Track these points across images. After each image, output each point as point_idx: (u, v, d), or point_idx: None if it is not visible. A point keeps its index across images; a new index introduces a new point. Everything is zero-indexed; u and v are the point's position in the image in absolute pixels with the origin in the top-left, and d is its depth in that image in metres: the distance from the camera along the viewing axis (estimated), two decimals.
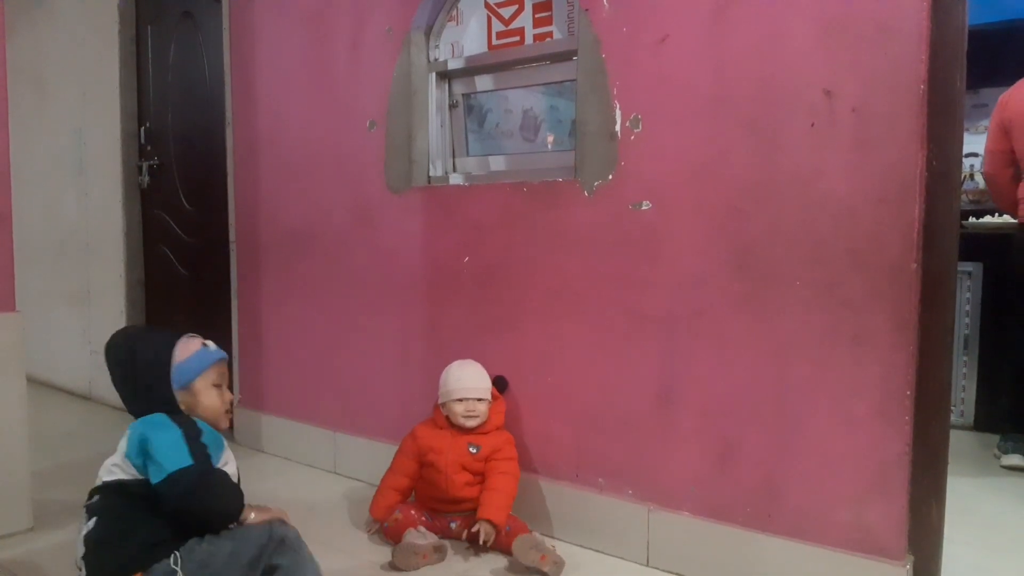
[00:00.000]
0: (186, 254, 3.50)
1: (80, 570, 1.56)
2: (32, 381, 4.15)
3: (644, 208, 1.99)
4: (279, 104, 2.90)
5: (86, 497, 1.61)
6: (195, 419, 1.65)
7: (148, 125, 3.61)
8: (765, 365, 1.84)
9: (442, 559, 2.02)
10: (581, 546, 2.14)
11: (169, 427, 1.58)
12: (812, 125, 1.74)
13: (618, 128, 2.02)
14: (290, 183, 2.87)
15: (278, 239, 2.94)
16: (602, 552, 2.10)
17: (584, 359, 2.14)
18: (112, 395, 1.74)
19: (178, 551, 1.51)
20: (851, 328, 1.71)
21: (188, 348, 1.69)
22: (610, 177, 2.04)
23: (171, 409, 1.65)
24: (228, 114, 3.09)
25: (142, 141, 3.63)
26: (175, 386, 1.66)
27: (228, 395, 1.74)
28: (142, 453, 1.55)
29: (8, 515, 2.21)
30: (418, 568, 1.98)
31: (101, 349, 3.59)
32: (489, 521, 2.00)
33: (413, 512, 2.13)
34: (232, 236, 3.11)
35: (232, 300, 3.13)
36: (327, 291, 2.78)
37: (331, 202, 2.74)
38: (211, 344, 1.74)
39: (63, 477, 1.48)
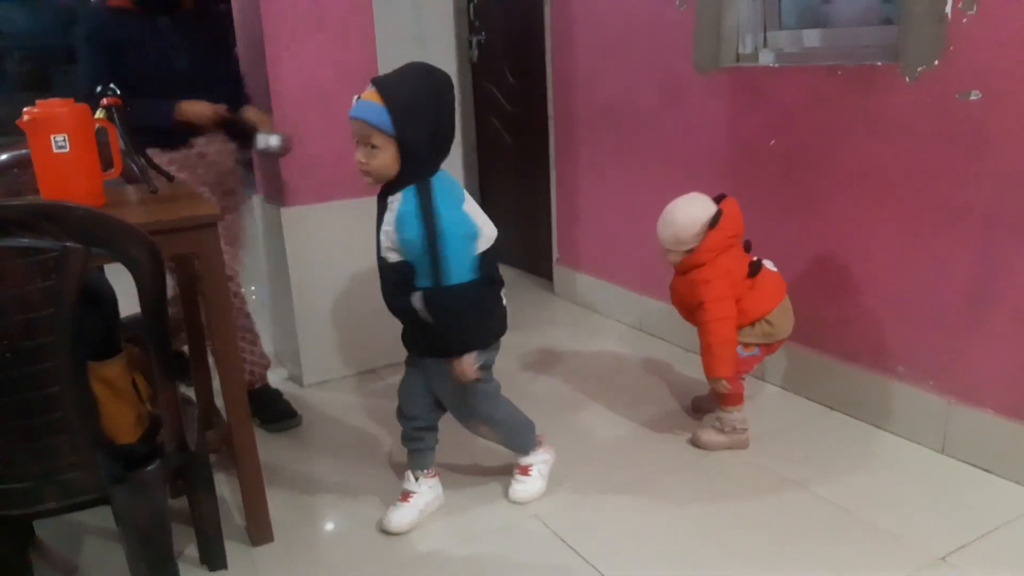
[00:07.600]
0: (510, 123, 3.88)
1: None
2: None
3: (972, 98, 1.85)
4: None
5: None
6: None
7: (475, 1, 3.93)
8: None
9: None
10: (874, 425, 2.24)
11: None
12: None
13: (948, 9, 1.85)
14: (603, 60, 3.03)
15: (591, 113, 3.15)
16: (895, 434, 2.18)
17: (890, 249, 2.12)
18: None
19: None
20: None
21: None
22: (936, 63, 1.91)
23: None
24: None
25: (471, 17, 3.98)
26: None
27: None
28: None
29: None
30: None
31: None
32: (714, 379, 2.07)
33: None
34: (550, 110, 3.39)
35: (550, 168, 3.47)
36: (635, 166, 2.97)
37: (640, 80, 2.86)
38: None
39: None
